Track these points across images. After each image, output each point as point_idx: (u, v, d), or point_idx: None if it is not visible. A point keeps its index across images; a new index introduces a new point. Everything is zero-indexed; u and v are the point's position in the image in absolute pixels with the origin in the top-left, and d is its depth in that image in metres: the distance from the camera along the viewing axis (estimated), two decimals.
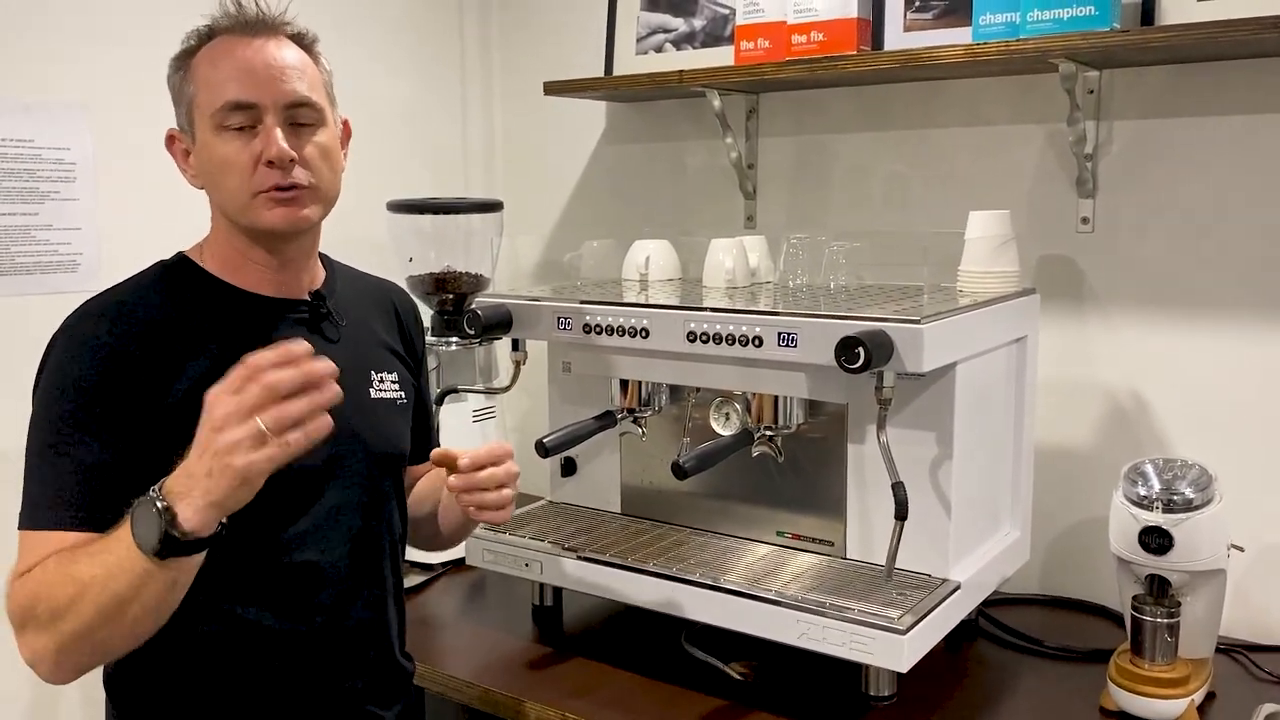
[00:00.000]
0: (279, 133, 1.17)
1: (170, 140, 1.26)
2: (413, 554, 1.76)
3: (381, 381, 1.35)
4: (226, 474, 0.95)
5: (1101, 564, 1.73)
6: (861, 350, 1.24)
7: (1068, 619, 1.71)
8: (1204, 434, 1.66)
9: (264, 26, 1.21)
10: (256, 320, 1.23)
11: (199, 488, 0.96)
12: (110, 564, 1.00)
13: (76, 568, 1.03)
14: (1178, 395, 1.69)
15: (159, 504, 0.97)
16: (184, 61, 1.22)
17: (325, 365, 0.99)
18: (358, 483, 1.28)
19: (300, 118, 1.20)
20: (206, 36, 1.21)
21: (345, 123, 1.32)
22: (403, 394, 1.38)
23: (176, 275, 1.24)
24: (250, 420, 0.95)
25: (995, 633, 1.63)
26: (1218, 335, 1.64)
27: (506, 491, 1.29)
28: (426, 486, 1.49)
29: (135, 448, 1.11)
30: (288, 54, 1.20)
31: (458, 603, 1.82)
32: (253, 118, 1.17)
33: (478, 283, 2.05)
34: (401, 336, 1.45)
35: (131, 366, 1.13)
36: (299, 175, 1.19)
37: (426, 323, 2.04)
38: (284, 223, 1.20)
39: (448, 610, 1.79)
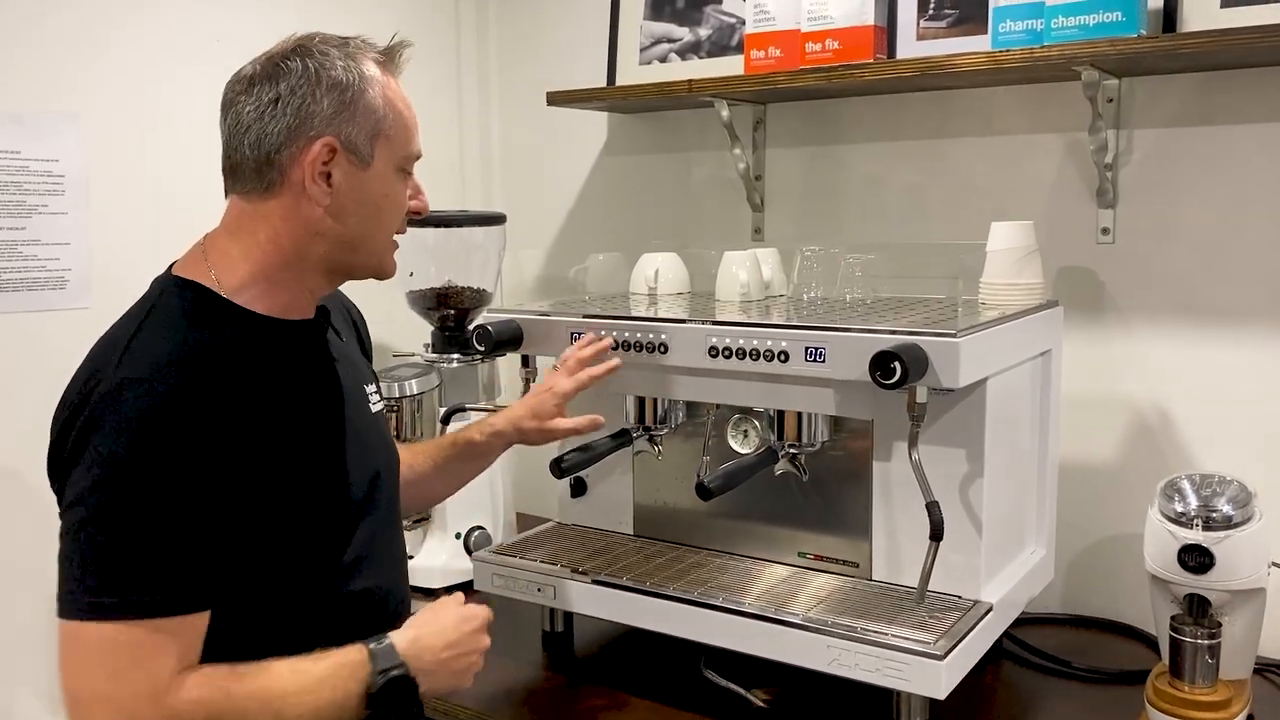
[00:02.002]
0: None
1: (330, 152, 1.11)
2: (413, 578, 1.70)
3: (373, 394, 1.32)
4: (456, 682, 1.18)
5: (1125, 582, 1.70)
6: (898, 365, 1.20)
7: (1092, 639, 1.67)
8: (1231, 449, 1.62)
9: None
10: (287, 347, 1.16)
11: (439, 676, 1.15)
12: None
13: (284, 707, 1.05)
14: (1202, 409, 1.65)
15: (413, 682, 1.11)
16: (377, 80, 1.14)
17: None
18: (385, 502, 1.25)
19: None
20: (381, 63, 1.16)
21: None
22: (383, 404, 1.35)
23: (199, 307, 1.12)
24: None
25: (1021, 654, 1.59)
26: (1243, 347, 1.61)
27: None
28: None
29: (221, 504, 1.04)
30: None
31: None
32: None
33: (480, 298, 2.00)
34: (362, 346, 1.41)
35: (206, 416, 1.03)
36: None
37: (427, 339, 2.01)
38: (395, 269, 1.23)
39: None
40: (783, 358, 1.35)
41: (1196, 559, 1.31)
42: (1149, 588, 1.41)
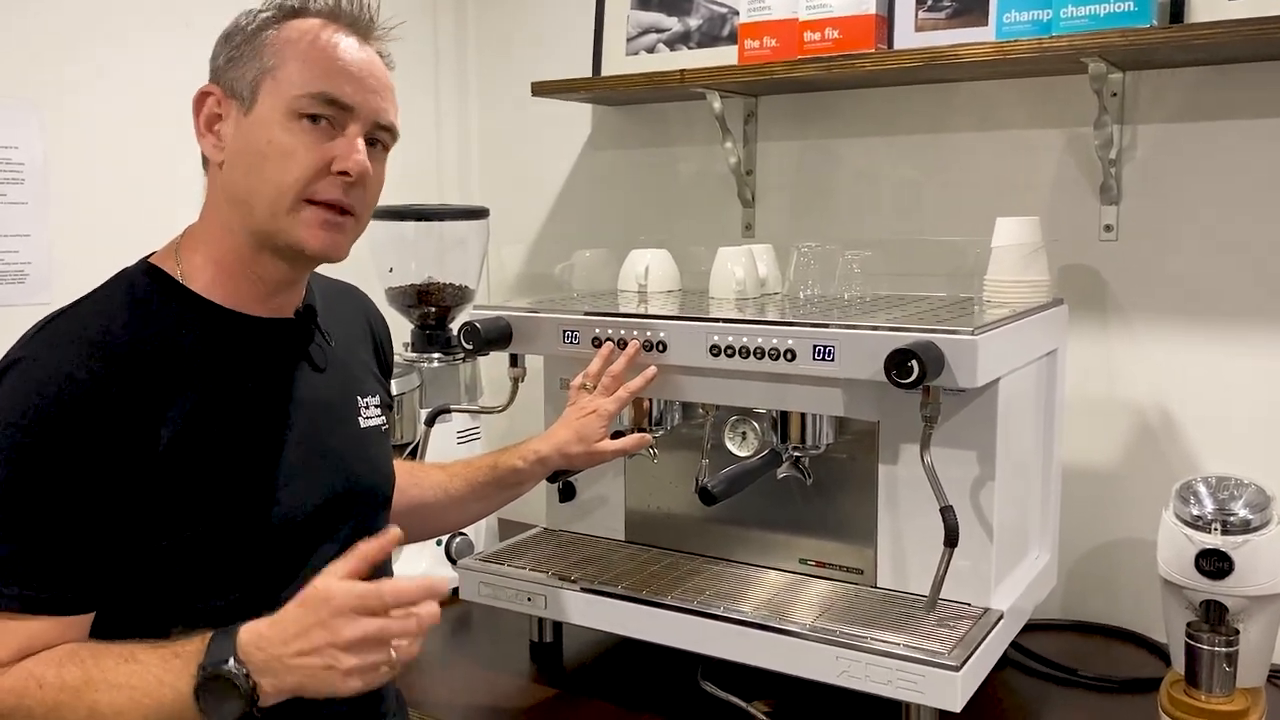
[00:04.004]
0: (362, 143, 1.05)
1: (203, 98, 1.06)
2: None
3: (368, 408, 1.24)
4: (323, 684, 0.92)
5: (1127, 587, 1.66)
6: (915, 363, 1.15)
7: (1095, 645, 1.63)
8: (1236, 451, 1.59)
9: (370, 35, 1.09)
10: (246, 346, 1.09)
11: (291, 677, 0.92)
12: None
13: (97, 700, 0.93)
14: (1207, 411, 1.61)
15: (245, 680, 0.91)
16: (270, 24, 1.06)
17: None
18: (354, 527, 1.15)
19: (379, 140, 1.09)
20: (296, 12, 1.07)
21: None
22: (384, 419, 1.26)
23: (151, 293, 1.06)
24: (380, 651, 0.93)
25: (1025, 661, 1.54)
26: (1249, 348, 1.57)
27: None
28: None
29: (112, 505, 0.97)
30: (386, 72, 1.10)
31: (445, 639, 1.68)
32: (338, 120, 1.04)
33: (462, 294, 1.93)
34: (376, 353, 1.33)
35: (112, 409, 0.97)
36: (356, 200, 1.06)
37: (407, 337, 1.93)
38: (321, 247, 1.06)
39: (434, 648, 1.64)
40: (789, 356, 1.29)
41: (1215, 564, 1.27)
42: (1161, 593, 1.37)
